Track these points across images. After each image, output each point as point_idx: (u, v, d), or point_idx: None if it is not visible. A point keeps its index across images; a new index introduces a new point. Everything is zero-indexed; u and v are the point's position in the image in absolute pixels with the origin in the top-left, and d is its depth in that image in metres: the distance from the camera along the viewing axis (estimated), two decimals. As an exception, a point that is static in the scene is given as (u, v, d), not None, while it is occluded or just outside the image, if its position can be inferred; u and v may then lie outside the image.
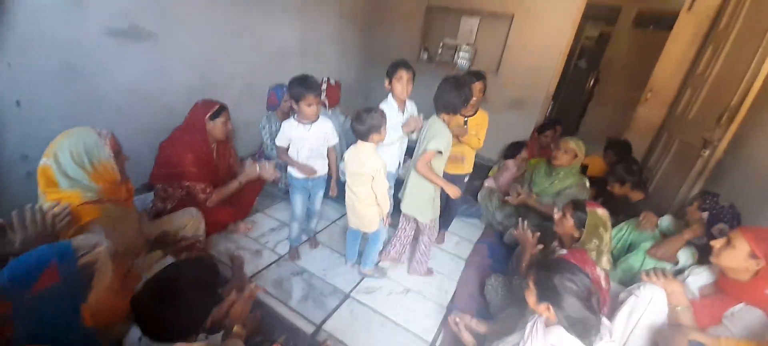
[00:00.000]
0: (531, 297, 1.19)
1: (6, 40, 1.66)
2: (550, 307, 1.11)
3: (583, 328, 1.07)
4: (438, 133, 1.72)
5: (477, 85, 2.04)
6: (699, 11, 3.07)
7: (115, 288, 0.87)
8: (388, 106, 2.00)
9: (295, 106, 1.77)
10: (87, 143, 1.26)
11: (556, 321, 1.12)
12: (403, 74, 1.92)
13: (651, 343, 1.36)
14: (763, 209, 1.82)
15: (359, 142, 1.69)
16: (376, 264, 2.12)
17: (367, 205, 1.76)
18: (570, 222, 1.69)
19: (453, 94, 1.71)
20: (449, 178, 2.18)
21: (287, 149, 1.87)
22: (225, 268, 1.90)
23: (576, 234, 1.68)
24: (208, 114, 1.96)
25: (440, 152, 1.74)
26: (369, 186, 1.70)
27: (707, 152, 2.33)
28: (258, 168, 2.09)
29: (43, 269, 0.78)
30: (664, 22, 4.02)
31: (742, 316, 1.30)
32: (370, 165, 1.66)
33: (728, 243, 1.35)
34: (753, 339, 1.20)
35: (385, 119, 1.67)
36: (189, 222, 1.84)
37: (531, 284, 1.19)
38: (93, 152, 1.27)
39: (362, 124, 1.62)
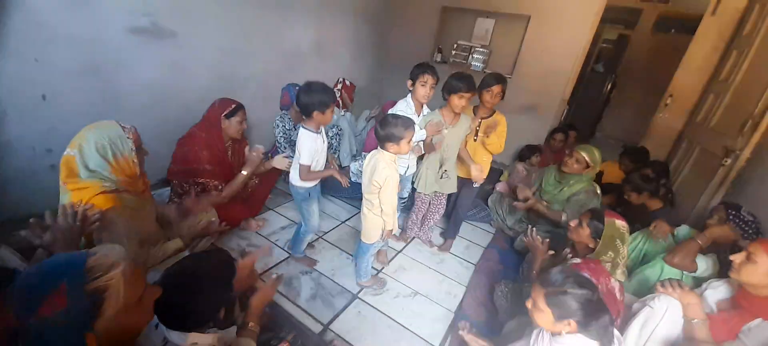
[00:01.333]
0: (544, 318, 1.14)
1: (32, 37, 1.73)
2: (572, 322, 1.08)
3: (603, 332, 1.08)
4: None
5: (495, 89, 2.03)
6: (723, 15, 2.97)
7: (128, 310, 0.78)
8: (407, 105, 2.00)
9: (318, 116, 1.64)
10: (112, 136, 1.31)
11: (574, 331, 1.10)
12: (429, 79, 1.89)
13: (665, 357, 1.33)
14: (788, 222, 1.76)
15: (379, 148, 1.64)
16: (377, 273, 2.10)
17: (372, 214, 1.72)
18: (587, 231, 1.64)
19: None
20: (461, 182, 2.20)
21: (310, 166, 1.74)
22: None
23: (591, 244, 1.64)
24: (225, 112, 2.00)
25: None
26: (377, 195, 1.65)
27: (729, 161, 2.26)
28: (254, 154, 2.06)
29: (52, 291, 0.71)
30: (687, 26, 3.91)
31: (760, 332, 1.25)
32: (379, 174, 1.59)
33: (748, 258, 1.30)
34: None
35: (410, 133, 1.56)
36: (203, 218, 1.88)
37: (541, 305, 1.13)
38: (117, 145, 1.32)
39: (382, 129, 1.55)
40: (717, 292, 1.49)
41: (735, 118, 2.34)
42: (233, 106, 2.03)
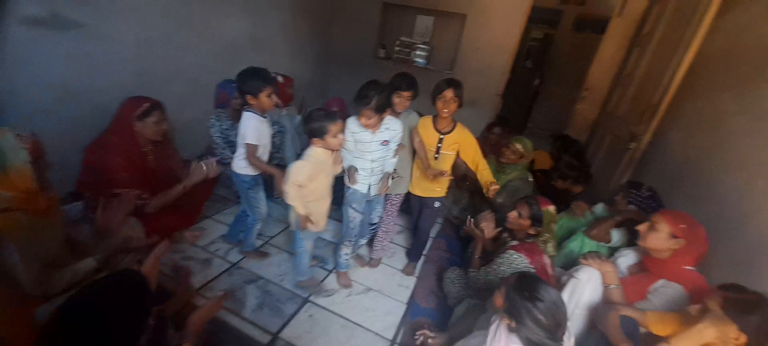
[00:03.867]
0: (499, 299, 1.19)
1: None
2: (514, 324, 1.10)
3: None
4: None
5: (447, 93, 1.74)
6: (627, 16, 3.40)
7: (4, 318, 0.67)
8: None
9: (253, 101, 1.69)
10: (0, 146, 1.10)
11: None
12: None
13: (589, 321, 1.49)
14: (680, 192, 2.07)
15: None
16: (314, 275, 1.97)
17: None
18: (527, 222, 1.76)
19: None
20: (421, 201, 2.07)
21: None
22: (169, 281, 1.76)
23: (532, 231, 1.78)
24: (136, 113, 1.76)
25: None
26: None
27: (634, 145, 2.59)
28: (204, 168, 1.93)
29: None
30: (599, 26, 4.39)
31: (664, 291, 1.46)
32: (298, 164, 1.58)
33: (652, 227, 1.50)
34: (673, 311, 1.36)
35: (335, 127, 1.53)
36: (126, 233, 1.68)
37: (504, 291, 1.17)
38: (6, 156, 1.11)
39: (306, 124, 1.58)
40: (627, 258, 1.71)
41: (638, 107, 2.69)
42: (146, 105, 1.79)
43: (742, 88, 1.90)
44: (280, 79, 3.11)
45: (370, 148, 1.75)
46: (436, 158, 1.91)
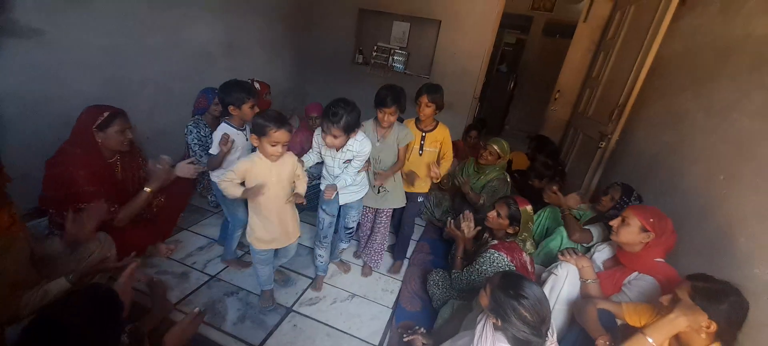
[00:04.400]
0: (484, 299, 1.18)
1: None
2: (500, 322, 1.11)
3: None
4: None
5: (422, 100, 1.91)
6: (592, 22, 3.58)
7: None
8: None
9: (235, 112, 1.75)
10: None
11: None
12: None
13: (569, 315, 1.53)
14: (648, 187, 2.17)
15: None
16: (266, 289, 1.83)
17: None
18: (506, 222, 1.81)
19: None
20: (406, 196, 2.09)
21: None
22: (144, 297, 1.68)
23: (511, 231, 1.82)
24: (96, 123, 1.65)
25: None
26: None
27: (604, 144, 2.71)
28: (158, 166, 1.77)
29: None
30: (567, 31, 4.59)
31: (637, 283, 1.53)
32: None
33: (623, 222, 1.57)
34: (647, 302, 1.42)
35: (274, 132, 1.42)
36: (96, 249, 1.58)
37: (488, 290, 1.17)
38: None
39: (254, 118, 1.51)
40: (602, 253, 1.78)
41: (606, 108, 2.82)
42: (106, 114, 1.66)
43: (698, 87, 2.03)
44: (256, 85, 3.05)
45: (332, 163, 1.72)
46: (420, 154, 2.04)
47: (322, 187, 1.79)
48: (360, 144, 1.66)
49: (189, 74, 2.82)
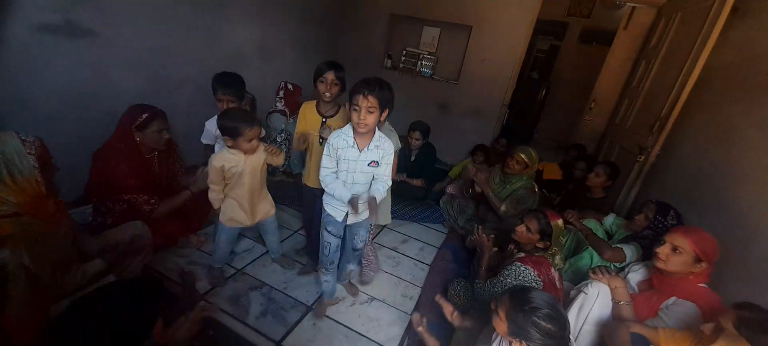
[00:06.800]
0: (501, 326, 1.13)
1: None
2: (523, 343, 1.07)
3: None
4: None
5: (328, 76, 1.65)
6: (633, 30, 3.40)
7: (28, 299, 0.70)
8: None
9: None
10: (6, 152, 1.12)
11: None
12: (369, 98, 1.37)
13: (598, 336, 1.45)
14: (691, 206, 2.03)
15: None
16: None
17: None
18: (536, 236, 1.70)
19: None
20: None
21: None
22: (175, 286, 1.76)
23: (541, 245, 1.72)
24: (135, 124, 1.76)
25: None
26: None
27: (643, 157, 2.56)
28: (205, 172, 1.87)
29: None
30: (605, 38, 4.40)
31: (676, 309, 1.42)
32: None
33: (675, 250, 1.43)
34: (686, 329, 1.32)
35: (248, 130, 1.46)
36: (134, 232, 1.69)
37: (502, 316, 1.12)
38: (13, 162, 1.12)
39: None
40: (637, 274, 1.68)
41: (646, 120, 2.67)
42: (145, 115, 1.76)
43: (751, 100, 1.88)
44: (290, 87, 3.15)
45: (353, 168, 1.43)
46: (320, 143, 1.71)
47: (325, 200, 1.56)
48: (385, 141, 1.48)
49: (225, 74, 2.95)
